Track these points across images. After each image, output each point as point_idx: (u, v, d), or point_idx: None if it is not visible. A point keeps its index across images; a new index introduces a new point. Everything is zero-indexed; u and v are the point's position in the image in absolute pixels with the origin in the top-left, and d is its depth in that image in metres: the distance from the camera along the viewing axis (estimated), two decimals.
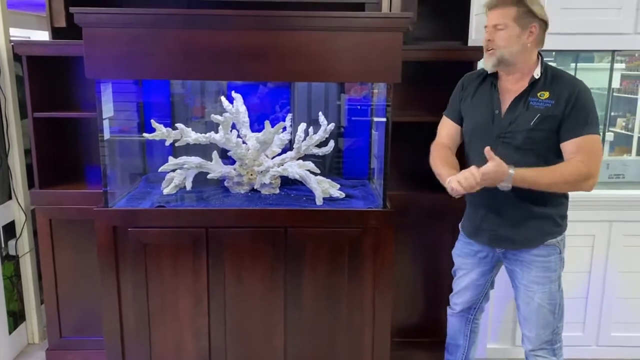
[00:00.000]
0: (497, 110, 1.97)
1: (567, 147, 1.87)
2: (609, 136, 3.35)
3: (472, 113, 2.06)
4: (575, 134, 1.85)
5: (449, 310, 2.32)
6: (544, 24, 1.91)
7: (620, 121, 4.72)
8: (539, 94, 1.90)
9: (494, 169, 1.80)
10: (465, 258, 2.18)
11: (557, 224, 1.98)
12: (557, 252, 1.99)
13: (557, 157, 1.91)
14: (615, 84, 3.45)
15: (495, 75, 2.01)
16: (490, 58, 1.93)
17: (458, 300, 2.25)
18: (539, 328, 2.03)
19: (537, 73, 1.92)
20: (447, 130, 2.14)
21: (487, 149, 1.83)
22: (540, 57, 1.95)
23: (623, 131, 4.69)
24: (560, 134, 1.88)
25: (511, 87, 1.96)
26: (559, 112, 1.86)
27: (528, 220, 1.96)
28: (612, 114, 4.52)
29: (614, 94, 4.22)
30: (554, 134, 1.89)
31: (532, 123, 1.89)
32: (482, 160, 1.87)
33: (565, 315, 2.41)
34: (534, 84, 1.92)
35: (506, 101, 1.96)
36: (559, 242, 1.99)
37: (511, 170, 1.82)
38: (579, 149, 1.84)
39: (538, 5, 1.89)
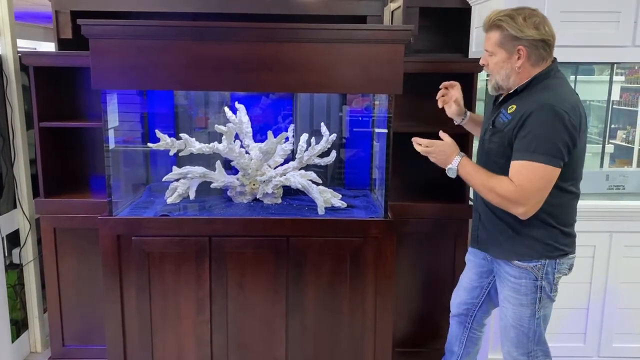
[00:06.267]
0: (488, 114, 2.03)
1: (510, 167, 1.80)
2: (609, 148, 3.38)
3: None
4: (517, 156, 1.77)
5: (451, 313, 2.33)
6: (539, 43, 1.80)
7: (620, 133, 4.75)
8: (509, 107, 1.86)
9: (439, 145, 1.92)
10: (470, 254, 2.20)
11: (531, 248, 1.87)
12: (530, 279, 1.89)
13: None
14: (615, 96, 3.48)
15: None
16: (489, 84, 1.95)
17: (454, 300, 2.26)
18: (510, 345, 2.00)
19: (521, 86, 1.85)
20: None
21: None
22: (548, 70, 1.85)
23: (623, 143, 4.72)
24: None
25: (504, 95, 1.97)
26: (510, 129, 1.81)
27: (498, 231, 1.94)
28: (612, 126, 4.55)
29: (614, 106, 4.25)
30: (508, 149, 1.82)
31: (488, 135, 1.92)
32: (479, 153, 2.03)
33: (567, 326, 2.41)
34: (511, 95, 1.88)
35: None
36: (534, 269, 1.88)
37: (457, 157, 1.89)
38: (516, 173, 1.77)
39: (525, 26, 1.78)
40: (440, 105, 2.18)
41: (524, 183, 1.75)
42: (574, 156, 1.80)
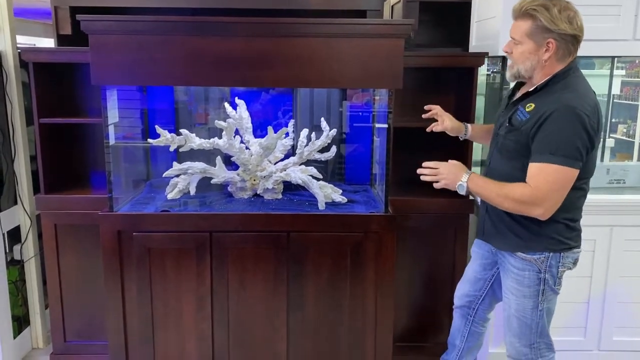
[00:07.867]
0: (503, 109, 2.01)
1: (528, 169, 1.80)
2: (610, 142, 3.37)
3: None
4: (536, 158, 1.76)
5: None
6: (569, 37, 1.76)
7: (621, 127, 4.74)
8: (527, 105, 1.83)
9: (446, 165, 1.94)
10: (475, 246, 2.20)
11: (535, 241, 1.88)
12: (534, 271, 1.90)
13: None
14: (616, 90, 3.46)
15: None
16: (509, 71, 1.91)
17: (458, 292, 2.27)
18: (512, 337, 2.01)
19: (540, 85, 1.83)
20: None
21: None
22: (568, 68, 1.81)
23: (624, 137, 4.70)
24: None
25: (521, 92, 1.95)
26: (527, 128, 1.79)
27: (504, 223, 1.95)
28: (613, 120, 4.54)
29: (615, 100, 4.23)
30: (525, 148, 1.82)
31: (504, 132, 1.91)
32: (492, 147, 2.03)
33: (567, 320, 2.41)
34: (530, 93, 1.86)
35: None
36: (537, 261, 1.89)
37: (466, 174, 1.89)
38: (533, 176, 1.77)
39: (559, 19, 1.73)
40: (429, 130, 2.29)
41: (541, 185, 1.75)
42: (589, 156, 1.80)
